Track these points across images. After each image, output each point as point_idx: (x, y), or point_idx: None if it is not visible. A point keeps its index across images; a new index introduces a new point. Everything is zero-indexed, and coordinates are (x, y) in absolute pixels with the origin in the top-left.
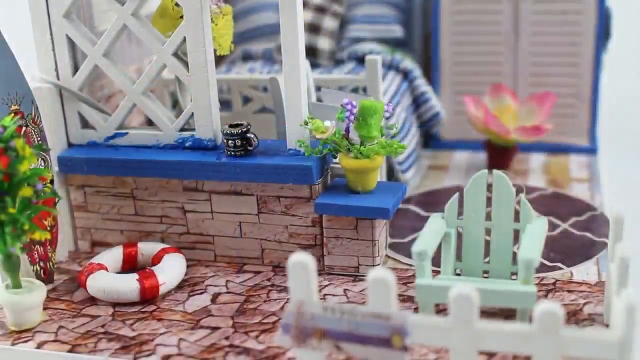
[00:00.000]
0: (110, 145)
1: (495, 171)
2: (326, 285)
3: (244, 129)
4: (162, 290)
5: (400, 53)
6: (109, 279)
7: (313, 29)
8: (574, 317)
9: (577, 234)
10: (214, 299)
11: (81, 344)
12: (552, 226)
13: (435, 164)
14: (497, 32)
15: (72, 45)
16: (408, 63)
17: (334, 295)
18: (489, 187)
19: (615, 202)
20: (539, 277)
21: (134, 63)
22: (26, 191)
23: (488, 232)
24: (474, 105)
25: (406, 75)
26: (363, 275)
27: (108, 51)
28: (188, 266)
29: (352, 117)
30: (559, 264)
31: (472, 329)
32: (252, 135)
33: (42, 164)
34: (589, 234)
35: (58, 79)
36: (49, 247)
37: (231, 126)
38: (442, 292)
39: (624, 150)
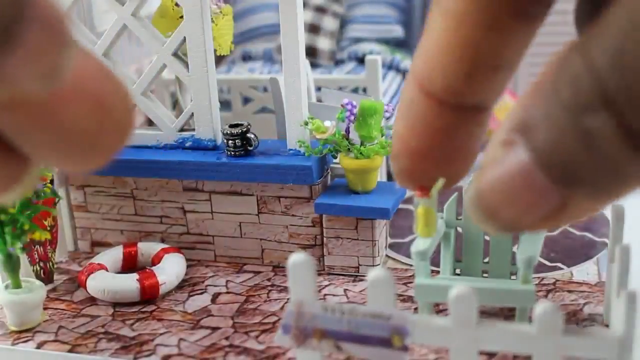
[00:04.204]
0: None
1: None
2: (326, 285)
3: (244, 129)
4: (162, 290)
5: (400, 53)
6: (109, 279)
7: (313, 29)
8: (574, 317)
9: (577, 234)
10: (214, 299)
11: (81, 344)
12: None
13: None
14: None
15: None
16: (408, 63)
17: (334, 295)
18: None
19: (615, 202)
20: (539, 277)
21: (134, 63)
22: None
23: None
24: None
25: (406, 75)
26: (363, 275)
27: (108, 51)
28: (188, 266)
29: (352, 117)
30: (559, 264)
31: (472, 329)
32: (252, 135)
33: None
34: (589, 234)
35: None
36: (49, 247)
37: (231, 126)
38: (442, 292)
39: None
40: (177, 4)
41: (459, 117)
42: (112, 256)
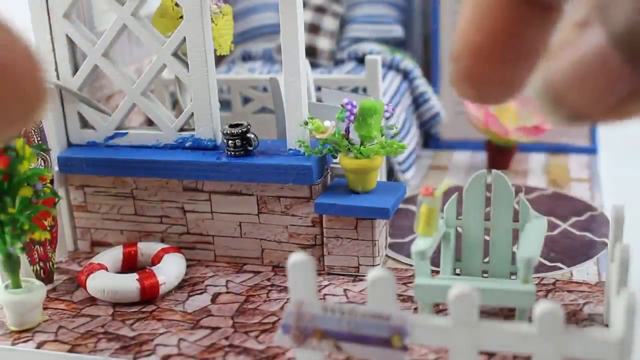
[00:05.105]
0: (110, 146)
1: (494, 171)
2: (326, 285)
3: (244, 129)
4: (162, 290)
5: (400, 53)
6: (109, 279)
7: (313, 29)
8: (574, 317)
9: (577, 234)
10: (214, 299)
11: (81, 344)
12: (552, 226)
13: (435, 164)
14: None
15: (72, 45)
16: (408, 63)
17: (334, 295)
18: (488, 186)
19: (615, 202)
20: (539, 277)
21: (134, 63)
22: (26, 191)
23: (487, 231)
24: (474, 105)
25: (406, 75)
26: (363, 275)
27: (108, 51)
28: (188, 266)
29: (352, 117)
30: (559, 264)
31: (472, 329)
32: (252, 135)
33: (42, 164)
34: (589, 234)
35: (58, 79)
36: (48, 247)
37: (231, 126)
38: (442, 292)
39: (624, 150)
40: (177, 4)
41: (528, 11)
42: (112, 256)
